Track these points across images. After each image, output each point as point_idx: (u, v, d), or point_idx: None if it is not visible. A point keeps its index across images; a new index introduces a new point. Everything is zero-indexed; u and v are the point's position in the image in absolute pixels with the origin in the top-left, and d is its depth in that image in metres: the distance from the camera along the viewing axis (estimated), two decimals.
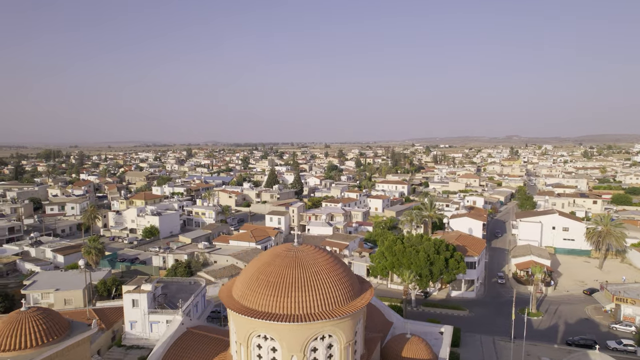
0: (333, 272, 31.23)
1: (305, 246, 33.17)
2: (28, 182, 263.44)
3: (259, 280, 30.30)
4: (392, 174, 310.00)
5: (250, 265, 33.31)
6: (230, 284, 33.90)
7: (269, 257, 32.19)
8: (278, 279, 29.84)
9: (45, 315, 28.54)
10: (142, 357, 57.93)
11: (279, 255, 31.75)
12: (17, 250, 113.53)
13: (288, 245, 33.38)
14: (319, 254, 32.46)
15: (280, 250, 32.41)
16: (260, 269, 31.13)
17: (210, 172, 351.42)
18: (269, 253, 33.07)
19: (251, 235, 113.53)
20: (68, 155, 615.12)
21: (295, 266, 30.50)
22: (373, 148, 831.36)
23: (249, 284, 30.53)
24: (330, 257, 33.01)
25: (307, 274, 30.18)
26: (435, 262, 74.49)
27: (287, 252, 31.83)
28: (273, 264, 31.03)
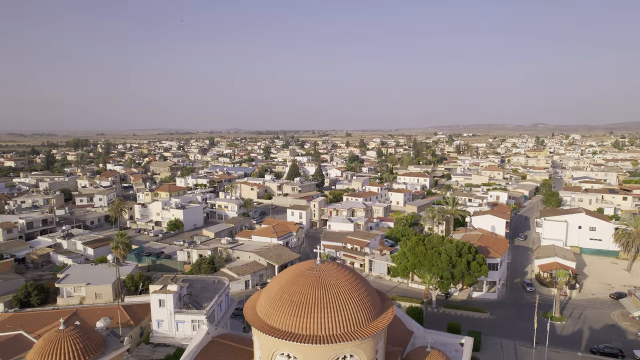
0: (355, 292, 31.72)
1: (328, 264, 33.73)
2: (58, 172, 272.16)
3: (282, 299, 31.04)
4: (413, 165, 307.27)
5: (274, 282, 34.09)
6: (254, 299, 34.80)
7: (292, 275, 32.88)
8: (301, 299, 30.51)
9: (82, 333, 30.03)
10: (168, 355, 60.13)
11: (302, 274, 32.38)
12: (51, 242, 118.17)
13: (310, 263, 33.98)
14: (341, 273, 32.99)
15: (303, 269, 33.04)
16: (284, 287, 31.85)
17: (232, 162, 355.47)
18: (293, 271, 33.77)
19: (273, 230, 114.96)
20: (95, 144, 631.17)
21: (318, 286, 31.10)
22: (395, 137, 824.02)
23: (273, 303, 31.31)
24: (352, 276, 33.52)
25: (329, 294, 30.75)
26: (457, 265, 74.18)
27: (310, 272, 32.43)
28: (296, 283, 31.70)
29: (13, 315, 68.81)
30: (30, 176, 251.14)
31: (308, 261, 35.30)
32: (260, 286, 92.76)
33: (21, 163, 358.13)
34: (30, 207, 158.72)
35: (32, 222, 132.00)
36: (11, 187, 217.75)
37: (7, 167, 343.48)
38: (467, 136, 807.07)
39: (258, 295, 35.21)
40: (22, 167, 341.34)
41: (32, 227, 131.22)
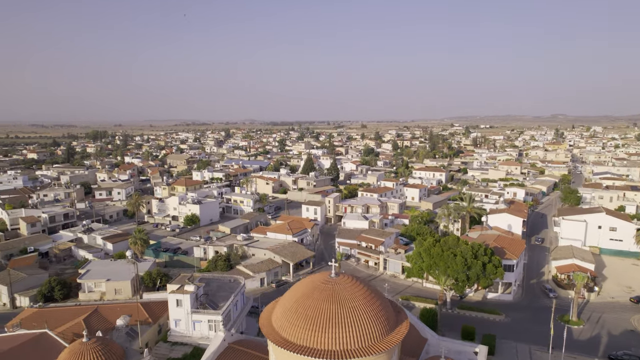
0: (369, 307, 31.92)
1: (343, 277, 33.96)
2: (79, 165, 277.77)
3: (297, 313, 31.44)
4: (429, 158, 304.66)
5: (289, 295, 34.49)
6: (270, 309, 35.30)
7: (307, 288, 33.22)
8: (316, 314, 30.85)
9: (104, 346, 31.00)
10: (185, 354, 61.48)
11: (317, 288, 32.69)
12: (72, 236, 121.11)
13: (326, 276, 34.25)
14: (356, 287, 33.18)
15: (318, 283, 33.33)
16: (299, 301, 32.23)
17: (247, 155, 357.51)
18: (308, 284, 34.10)
19: (288, 227, 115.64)
20: (113, 136, 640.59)
21: (333, 301, 31.39)
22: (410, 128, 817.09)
23: (288, 316, 31.74)
24: (366, 289, 33.69)
25: (344, 309, 31.03)
26: (473, 267, 73.80)
27: (325, 285, 32.72)
28: (311, 297, 32.03)
29: (37, 311, 71.03)
30: (52, 169, 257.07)
31: (323, 273, 35.60)
32: (276, 284, 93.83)
33: (43, 155, 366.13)
34: (52, 200, 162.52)
35: (55, 216, 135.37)
36: (34, 179, 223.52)
37: (30, 159, 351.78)
38: (484, 128, 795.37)
39: (274, 305, 35.70)
40: (44, 159, 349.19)
41: (54, 221, 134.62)
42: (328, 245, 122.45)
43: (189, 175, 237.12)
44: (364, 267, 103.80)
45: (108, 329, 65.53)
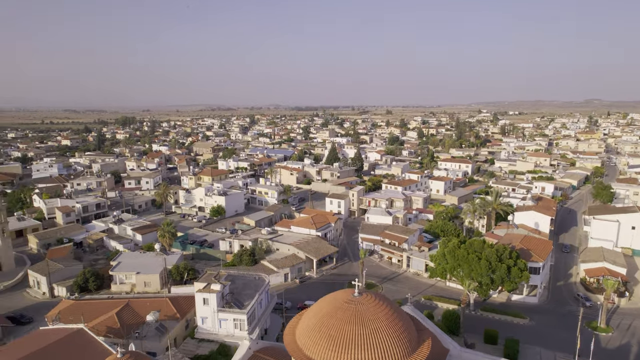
0: (392, 329, 32.31)
1: (366, 297, 34.38)
2: (109, 153, 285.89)
3: (320, 332, 32.14)
4: (455, 147, 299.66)
5: (313, 312, 35.19)
6: (294, 325, 36.13)
7: (331, 307, 33.82)
8: (338, 334, 31.48)
9: None
10: (212, 350, 63.63)
11: (340, 307, 33.26)
12: (103, 227, 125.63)
13: (349, 294, 34.74)
14: (379, 307, 33.57)
15: (341, 302, 33.87)
16: (323, 320, 32.89)
17: (272, 143, 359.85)
18: (331, 302, 34.69)
19: (312, 221, 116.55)
20: (141, 122, 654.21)
21: (356, 322, 31.92)
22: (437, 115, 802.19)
23: (311, 335, 32.48)
24: (389, 309, 34.03)
25: (366, 330, 31.53)
26: (497, 270, 73.07)
27: (348, 305, 33.24)
28: (334, 316, 32.64)
29: (74, 303, 74.45)
30: (84, 156, 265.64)
31: (346, 291, 36.10)
32: (299, 280, 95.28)
33: (76, 142, 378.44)
34: (85, 189, 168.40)
35: (87, 206, 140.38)
36: (68, 167, 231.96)
37: (64, 145, 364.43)
38: (512, 115, 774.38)
39: (297, 321, 36.51)
40: (76, 146, 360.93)
41: (87, 210, 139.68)
42: (351, 240, 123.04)
43: (215, 164, 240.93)
44: (387, 264, 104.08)
45: (139, 324, 68.45)
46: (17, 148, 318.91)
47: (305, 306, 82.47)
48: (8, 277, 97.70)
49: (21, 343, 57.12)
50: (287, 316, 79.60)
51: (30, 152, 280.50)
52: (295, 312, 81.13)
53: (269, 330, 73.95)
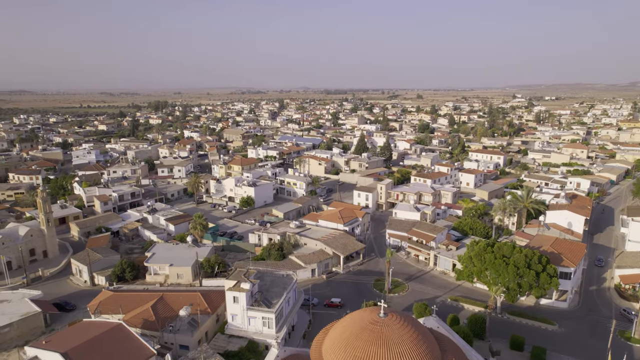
0: (416, 351, 33.07)
1: (391, 318, 35.16)
2: (143, 139, 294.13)
3: (346, 352, 33.28)
4: (487, 137, 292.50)
5: (339, 330, 36.30)
6: (320, 341, 37.41)
7: (356, 327, 34.81)
8: (363, 355, 32.54)
9: None
10: (241, 347, 66.22)
11: (365, 328, 34.22)
12: (138, 216, 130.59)
13: (375, 315, 35.60)
14: (404, 329, 34.32)
15: (367, 322, 34.80)
16: (348, 340, 33.98)
17: (300, 130, 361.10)
18: (357, 321, 35.66)
19: (339, 216, 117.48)
20: (173, 106, 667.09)
21: (381, 344, 32.85)
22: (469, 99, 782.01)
23: (337, 354, 33.67)
24: (414, 331, 34.73)
25: (391, 353, 32.43)
26: (525, 276, 72.26)
27: (374, 326, 34.15)
28: (360, 337, 33.66)
29: (112, 295, 78.61)
30: (119, 142, 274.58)
31: (372, 310, 36.94)
32: (326, 275, 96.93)
33: (111, 127, 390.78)
34: (120, 177, 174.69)
35: (123, 195, 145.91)
36: (104, 153, 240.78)
37: (100, 130, 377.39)
38: (549, 100, 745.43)
39: (324, 336, 37.74)
40: (112, 131, 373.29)
41: (122, 199, 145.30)
42: (379, 234, 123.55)
43: (244, 151, 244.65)
44: (414, 261, 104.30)
45: (172, 317, 71.80)
46: (58, 133, 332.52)
47: (332, 303, 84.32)
48: (53, 264, 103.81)
49: (67, 334, 61.16)
50: (314, 312, 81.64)
51: (70, 138, 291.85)
52: (322, 309, 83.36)
53: (296, 327, 76.04)
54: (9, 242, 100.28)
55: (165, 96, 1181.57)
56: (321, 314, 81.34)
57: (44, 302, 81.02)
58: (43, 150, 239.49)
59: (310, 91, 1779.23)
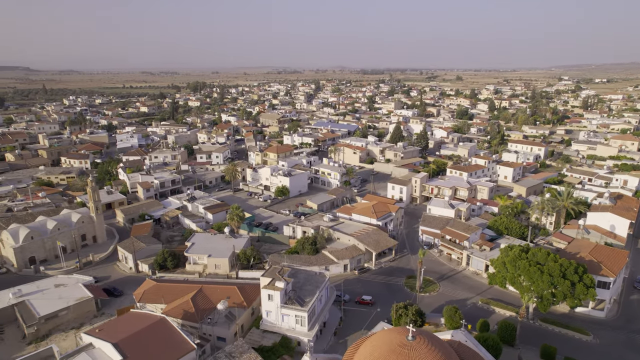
0: None
1: (420, 341, 36.40)
2: (182, 123, 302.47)
3: None
4: (529, 125, 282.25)
5: (368, 350, 37.92)
6: (350, 357, 39.20)
7: (385, 349, 36.30)
8: None
9: None
10: (275, 342, 69.51)
11: (393, 351, 35.67)
12: (179, 204, 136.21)
13: (403, 338, 36.92)
14: (431, 353, 35.54)
15: (395, 345, 36.21)
16: None
17: (336, 114, 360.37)
18: (386, 343, 37.12)
19: (373, 210, 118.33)
20: (211, 86, 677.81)
21: None
22: (511, 82, 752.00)
23: None
24: (442, 356, 35.89)
25: None
26: (560, 286, 71.29)
27: (402, 349, 35.55)
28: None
29: (155, 285, 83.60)
30: (160, 126, 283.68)
31: (401, 332, 38.24)
32: (358, 271, 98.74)
33: (152, 108, 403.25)
34: (161, 163, 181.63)
35: (164, 182, 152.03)
36: (146, 137, 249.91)
37: (142, 112, 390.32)
38: (599, 83, 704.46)
39: (353, 354, 39.48)
40: (153, 113, 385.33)
41: (163, 186, 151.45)
42: (412, 229, 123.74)
43: (280, 137, 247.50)
44: (446, 260, 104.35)
45: (210, 309, 75.84)
46: (103, 115, 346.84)
47: (363, 301, 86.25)
48: (102, 249, 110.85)
49: (116, 324, 66.13)
50: (345, 309, 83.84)
51: (115, 121, 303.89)
52: (353, 306, 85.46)
53: (328, 324, 78.58)
54: (64, 227, 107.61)
55: (204, 76, 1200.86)
56: (352, 311, 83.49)
57: (95, 287, 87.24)
58: (90, 133, 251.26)
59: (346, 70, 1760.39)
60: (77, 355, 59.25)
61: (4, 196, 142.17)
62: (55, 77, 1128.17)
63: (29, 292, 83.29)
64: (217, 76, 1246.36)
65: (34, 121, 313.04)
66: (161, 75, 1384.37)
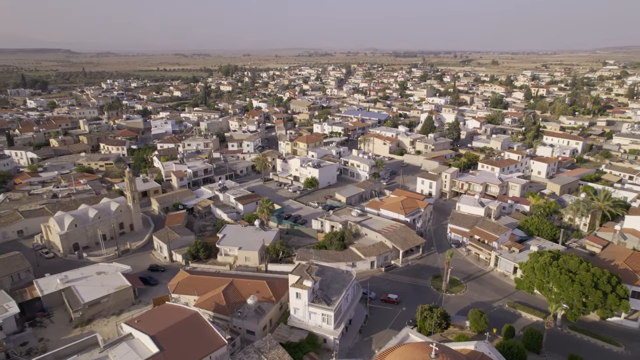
0: None
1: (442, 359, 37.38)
2: (214, 109, 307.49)
3: None
4: (567, 115, 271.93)
5: None
6: None
7: None
8: None
9: None
10: (302, 339, 71.85)
11: None
12: (211, 194, 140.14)
13: (426, 355, 37.99)
14: None
15: None
16: None
17: (366, 100, 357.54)
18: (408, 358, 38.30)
19: (401, 206, 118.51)
20: (243, 70, 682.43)
21: None
22: (550, 67, 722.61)
23: None
24: None
25: None
26: (591, 296, 70.30)
27: None
28: None
29: (188, 277, 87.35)
30: (192, 112, 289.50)
31: (425, 349, 39.28)
32: (385, 268, 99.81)
33: (185, 93, 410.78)
34: (194, 151, 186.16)
35: (197, 171, 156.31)
36: (179, 122, 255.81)
37: (175, 97, 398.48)
38: None
39: None
40: (186, 97, 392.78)
41: (196, 175, 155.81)
42: (440, 226, 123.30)
43: (310, 125, 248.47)
44: (474, 260, 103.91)
45: (240, 303, 78.91)
46: (139, 99, 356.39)
47: (389, 299, 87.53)
48: (138, 237, 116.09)
49: (153, 316, 69.93)
50: (371, 307, 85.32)
51: (149, 106, 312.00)
52: (379, 303, 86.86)
53: (353, 321, 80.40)
54: (104, 216, 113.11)
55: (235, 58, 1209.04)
56: (378, 309, 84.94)
57: (132, 276, 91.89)
58: (127, 119, 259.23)
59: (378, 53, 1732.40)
60: (119, 344, 63.36)
61: (50, 182, 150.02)
62: (94, 60, 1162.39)
63: (74, 278, 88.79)
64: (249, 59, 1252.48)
65: (74, 105, 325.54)
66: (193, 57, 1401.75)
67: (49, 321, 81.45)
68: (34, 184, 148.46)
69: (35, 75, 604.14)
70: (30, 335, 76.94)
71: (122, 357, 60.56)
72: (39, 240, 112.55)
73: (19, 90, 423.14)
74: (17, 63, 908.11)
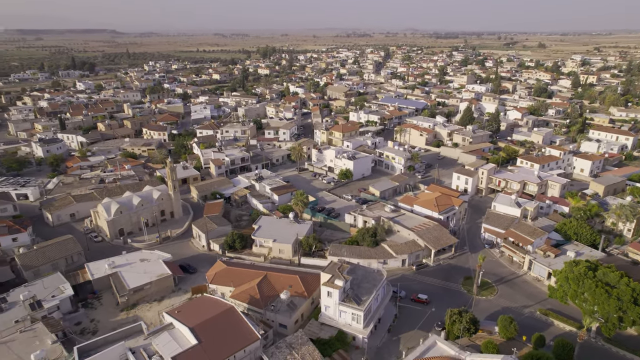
0: None
1: None
2: (252, 94, 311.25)
3: None
4: (618, 106, 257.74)
5: None
6: None
7: None
8: None
9: None
10: (332, 335, 74.38)
11: None
12: (247, 183, 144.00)
13: None
14: None
15: None
16: None
17: (404, 86, 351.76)
18: None
19: (435, 203, 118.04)
20: (280, 52, 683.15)
21: None
22: (604, 50, 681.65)
23: None
24: None
25: None
26: (629, 312, 68.73)
27: None
28: None
29: (225, 268, 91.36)
30: (230, 97, 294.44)
31: None
32: (416, 267, 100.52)
33: (224, 76, 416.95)
34: (232, 138, 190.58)
35: (234, 159, 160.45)
36: (218, 107, 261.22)
37: (214, 80, 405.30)
38: None
39: None
40: (224, 80, 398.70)
41: (234, 163, 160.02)
42: (474, 224, 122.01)
43: (346, 113, 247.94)
44: (507, 262, 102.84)
45: (274, 297, 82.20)
46: (179, 82, 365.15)
47: (419, 299, 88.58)
48: (178, 225, 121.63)
49: (192, 307, 74.16)
50: (400, 306, 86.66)
51: (189, 90, 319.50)
52: (409, 303, 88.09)
53: (382, 320, 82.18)
54: (146, 203, 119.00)
55: (273, 39, 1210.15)
56: (407, 308, 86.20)
57: (172, 264, 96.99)
58: (168, 103, 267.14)
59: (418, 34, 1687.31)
60: (161, 333, 68.00)
61: (97, 166, 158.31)
62: (137, 40, 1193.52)
63: (120, 264, 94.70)
64: (287, 39, 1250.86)
65: (119, 88, 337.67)
66: (232, 37, 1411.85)
67: (99, 303, 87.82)
68: (84, 168, 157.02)
69: (83, 56, 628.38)
70: (83, 316, 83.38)
71: (164, 345, 65.06)
72: (89, 224, 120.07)
73: (69, 72, 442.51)
74: (66, 44, 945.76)
